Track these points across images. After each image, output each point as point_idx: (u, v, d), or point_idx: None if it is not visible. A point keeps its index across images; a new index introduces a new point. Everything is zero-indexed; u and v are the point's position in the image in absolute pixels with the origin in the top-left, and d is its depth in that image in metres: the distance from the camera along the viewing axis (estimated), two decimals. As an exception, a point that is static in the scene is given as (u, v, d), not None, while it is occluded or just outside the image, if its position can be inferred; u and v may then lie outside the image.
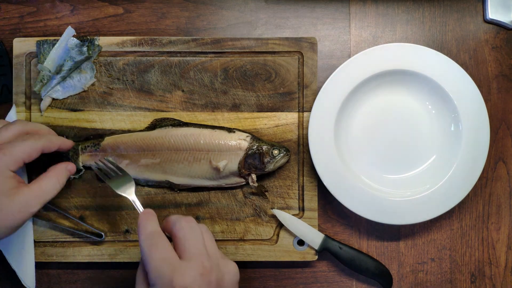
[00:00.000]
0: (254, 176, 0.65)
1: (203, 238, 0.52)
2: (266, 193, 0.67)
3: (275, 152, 0.64)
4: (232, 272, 0.53)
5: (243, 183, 0.66)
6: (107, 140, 0.66)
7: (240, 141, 0.65)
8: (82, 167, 0.66)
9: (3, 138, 0.58)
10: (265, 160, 0.64)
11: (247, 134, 0.65)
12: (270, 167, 0.64)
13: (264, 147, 0.64)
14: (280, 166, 0.65)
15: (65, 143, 0.62)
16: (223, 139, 0.65)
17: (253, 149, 0.64)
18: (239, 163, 0.64)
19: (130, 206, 0.67)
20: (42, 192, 0.56)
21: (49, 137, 0.60)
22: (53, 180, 0.58)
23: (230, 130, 0.66)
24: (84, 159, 0.65)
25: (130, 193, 0.60)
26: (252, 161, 0.64)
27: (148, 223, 0.53)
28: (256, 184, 0.65)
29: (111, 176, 0.62)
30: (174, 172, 0.65)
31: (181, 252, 0.50)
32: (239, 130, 0.66)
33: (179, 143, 0.65)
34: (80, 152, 0.65)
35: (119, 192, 0.60)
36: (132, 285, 0.69)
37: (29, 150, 0.56)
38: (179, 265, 0.49)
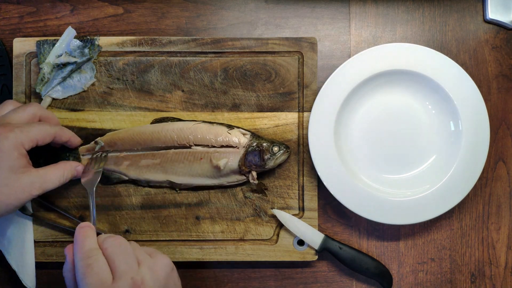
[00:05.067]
0: (254, 173, 0.65)
1: (132, 250, 0.52)
2: (266, 191, 0.67)
3: (275, 149, 0.64)
4: (162, 266, 0.53)
5: (244, 181, 0.66)
6: (104, 138, 0.65)
7: (240, 139, 0.65)
8: None
9: (19, 119, 0.59)
10: (265, 157, 0.64)
11: (247, 132, 0.65)
12: (271, 164, 0.64)
13: (264, 144, 0.64)
14: (280, 163, 0.65)
15: (75, 138, 0.64)
16: (222, 136, 0.64)
17: (253, 146, 0.64)
18: (239, 161, 0.64)
19: (130, 206, 0.67)
20: (47, 179, 0.58)
21: (62, 127, 0.63)
22: (59, 172, 0.60)
23: (229, 126, 0.66)
24: (84, 163, 0.65)
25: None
26: (252, 158, 0.64)
27: (86, 240, 0.52)
28: (256, 182, 0.65)
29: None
30: (175, 172, 0.65)
31: (113, 271, 0.50)
32: (239, 128, 0.66)
33: (175, 137, 0.64)
34: (80, 156, 0.65)
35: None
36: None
37: (44, 133, 0.58)
38: None
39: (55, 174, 0.59)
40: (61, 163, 0.61)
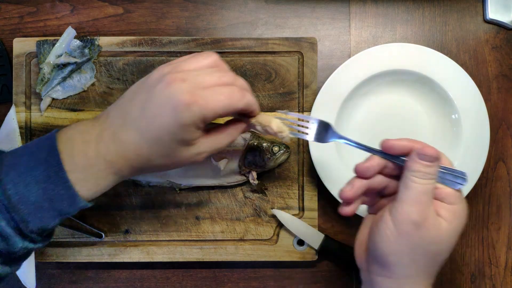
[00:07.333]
0: (254, 173, 0.65)
1: None
2: (266, 191, 0.67)
3: (275, 149, 0.64)
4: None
5: (244, 181, 0.66)
6: None
7: (240, 139, 0.65)
8: None
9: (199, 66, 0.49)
10: (265, 157, 0.64)
11: (246, 132, 0.65)
12: (271, 164, 0.64)
13: (264, 144, 0.64)
14: (280, 163, 0.65)
15: (257, 108, 0.53)
16: None
17: (253, 146, 0.64)
18: (239, 161, 0.64)
19: (130, 206, 0.67)
20: (216, 144, 0.51)
21: (250, 95, 0.51)
22: (228, 135, 0.52)
23: None
24: None
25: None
26: (253, 159, 0.64)
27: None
28: (256, 182, 0.65)
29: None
30: (175, 172, 0.65)
31: None
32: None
33: None
34: None
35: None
36: (132, 285, 0.69)
37: (232, 103, 0.48)
38: None
39: (224, 138, 0.51)
40: (230, 126, 0.53)
